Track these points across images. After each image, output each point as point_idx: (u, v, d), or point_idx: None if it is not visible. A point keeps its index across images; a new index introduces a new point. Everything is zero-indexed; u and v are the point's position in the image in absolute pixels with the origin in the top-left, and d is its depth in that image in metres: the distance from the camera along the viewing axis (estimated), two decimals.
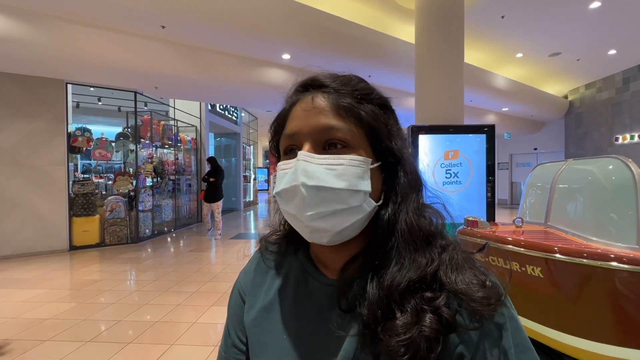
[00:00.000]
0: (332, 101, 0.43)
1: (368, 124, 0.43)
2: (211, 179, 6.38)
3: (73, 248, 5.57)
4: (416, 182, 0.45)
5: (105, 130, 6.38)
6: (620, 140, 9.22)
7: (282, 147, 0.45)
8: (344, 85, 0.44)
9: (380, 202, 0.44)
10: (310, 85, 0.45)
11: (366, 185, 0.41)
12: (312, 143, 0.42)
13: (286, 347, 0.44)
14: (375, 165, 0.43)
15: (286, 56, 5.79)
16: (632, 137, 8.93)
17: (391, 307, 0.38)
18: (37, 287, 3.77)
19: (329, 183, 0.39)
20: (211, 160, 6.68)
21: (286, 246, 0.54)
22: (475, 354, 0.37)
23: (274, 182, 0.45)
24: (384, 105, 0.46)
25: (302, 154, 0.41)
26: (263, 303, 0.50)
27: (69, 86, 5.65)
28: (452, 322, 0.36)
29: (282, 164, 0.43)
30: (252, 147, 13.78)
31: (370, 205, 0.42)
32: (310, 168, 0.40)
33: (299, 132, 0.42)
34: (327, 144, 0.42)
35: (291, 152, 0.44)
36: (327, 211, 0.40)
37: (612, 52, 7.69)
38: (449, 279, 0.39)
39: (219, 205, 6.46)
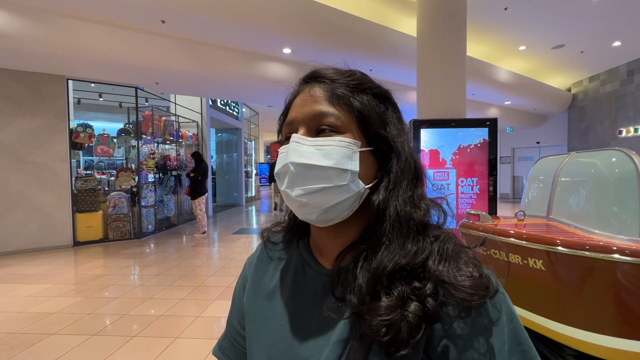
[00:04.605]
0: (327, 90, 0.45)
1: (359, 110, 0.45)
2: (191, 174, 6.32)
3: (77, 243, 5.62)
4: (411, 172, 0.45)
5: (106, 126, 6.38)
6: (624, 134, 9.14)
7: (283, 136, 0.48)
8: (340, 76, 0.46)
9: (371, 185, 0.44)
10: (310, 78, 0.48)
11: (354, 166, 0.42)
12: (306, 128, 0.45)
13: (282, 333, 0.46)
14: (366, 149, 0.44)
15: (287, 50, 5.76)
16: (636, 130, 8.85)
17: (377, 289, 0.39)
18: (42, 282, 3.81)
19: (316, 161, 0.41)
20: (194, 155, 6.56)
21: (289, 237, 0.55)
22: (463, 348, 0.36)
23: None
24: (381, 96, 0.48)
25: (294, 136, 0.44)
26: (265, 292, 0.51)
27: (70, 82, 5.64)
28: (434, 313, 0.37)
29: (281, 149, 0.47)
30: (253, 142, 13.77)
31: (359, 186, 0.43)
32: (301, 149, 0.42)
33: (295, 120, 0.46)
34: (319, 130, 0.44)
35: (288, 139, 0.46)
36: (315, 188, 0.42)
37: (617, 43, 7.59)
38: (436, 268, 0.39)
39: (199, 202, 6.28)
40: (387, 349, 0.36)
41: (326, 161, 0.41)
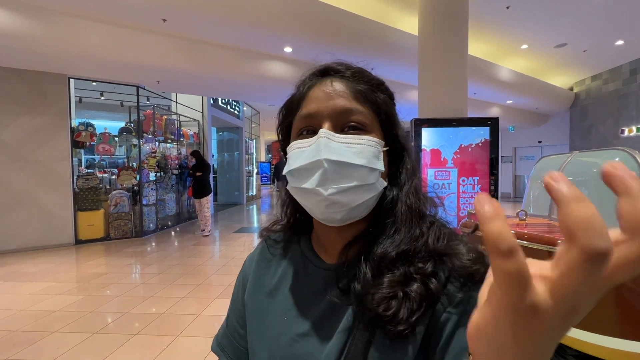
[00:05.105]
0: (350, 86, 0.45)
1: (383, 110, 0.46)
2: (197, 174, 6.23)
3: (79, 242, 5.63)
4: (416, 169, 0.49)
5: (108, 125, 6.39)
6: (626, 133, 9.09)
7: (297, 129, 0.47)
8: (359, 74, 0.47)
9: (386, 183, 0.47)
10: (328, 71, 0.47)
11: (381, 165, 0.44)
12: (331, 123, 0.44)
13: (284, 328, 0.47)
14: (385, 148, 0.46)
15: (288, 49, 5.75)
16: (638, 130, 8.80)
17: (381, 270, 0.41)
18: (44, 280, 3.82)
19: (350, 159, 0.41)
20: (195, 154, 6.45)
21: (289, 235, 0.56)
22: (461, 315, 0.37)
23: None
24: (391, 97, 0.50)
25: (324, 131, 0.42)
26: (267, 289, 0.52)
27: (72, 81, 5.65)
28: (437, 294, 0.38)
29: (298, 143, 0.44)
30: (254, 141, 13.77)
31: (382, 184, 0.45)
32: (333, 145, 0.41)
33: (319, 113, 0.44)
34: (345, 126, 0.44)
35: (308, 133, 0.45)
36: (348, 186, 0.41)
37: (620, 42, 7.55)
38: (436, 245, 0.42)
39: (208, 200, 6.28)
40: (387, 325, 0.37)
41: (359, 159, 0.41)
